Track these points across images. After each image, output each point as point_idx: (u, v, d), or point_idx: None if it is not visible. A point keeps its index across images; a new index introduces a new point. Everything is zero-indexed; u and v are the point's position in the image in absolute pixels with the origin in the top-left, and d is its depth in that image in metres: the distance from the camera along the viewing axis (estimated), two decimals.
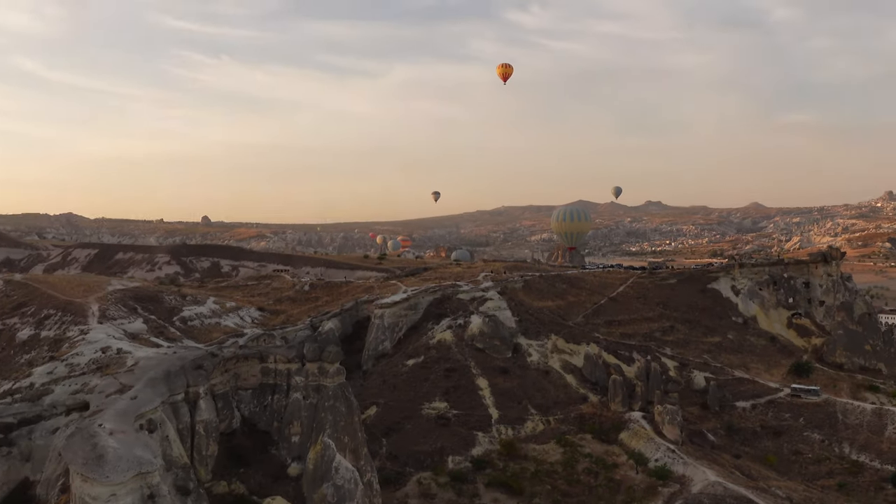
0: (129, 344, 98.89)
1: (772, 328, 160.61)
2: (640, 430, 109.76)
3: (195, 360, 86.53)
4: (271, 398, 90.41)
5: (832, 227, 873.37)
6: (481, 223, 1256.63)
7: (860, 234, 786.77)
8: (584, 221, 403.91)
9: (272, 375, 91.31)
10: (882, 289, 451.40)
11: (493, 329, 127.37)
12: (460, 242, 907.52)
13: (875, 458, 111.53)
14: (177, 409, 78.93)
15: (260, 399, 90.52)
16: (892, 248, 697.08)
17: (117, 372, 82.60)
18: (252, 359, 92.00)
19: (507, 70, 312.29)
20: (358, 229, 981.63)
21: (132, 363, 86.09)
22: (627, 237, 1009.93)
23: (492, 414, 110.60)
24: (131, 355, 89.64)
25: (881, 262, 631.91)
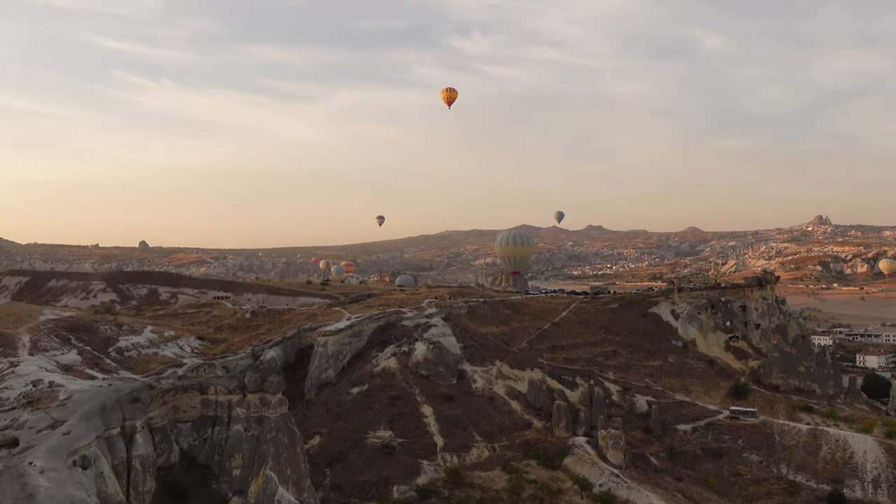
0: (62, 377, 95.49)
1: (710, 351, 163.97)
2: (585, 455, 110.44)
3: (132, 392, 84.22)
4: (211, 430, 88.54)
5: (766, 250, 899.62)
6: (425, 248, 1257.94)
7: (792, 257, 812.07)
8: (527, 246, 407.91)
9: (212, 407, 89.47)
10: (814, 310, 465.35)
11: (438, 356, 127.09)
12: (404, 267, 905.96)
13: (811, 477, 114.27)
14: (112, 444, 76.56)
15: (200, 432, 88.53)
16: (822, 271, 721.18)
17: (49, 406, 79.70)
18: (192, 390, 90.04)
19: (451, 94, 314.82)
20: (301, 254, 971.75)
21: (65, 397, 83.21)
22: (569, 261, 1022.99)
23: (437, 441, 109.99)
24: (64, 388, 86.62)
25: (813, 285, 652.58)
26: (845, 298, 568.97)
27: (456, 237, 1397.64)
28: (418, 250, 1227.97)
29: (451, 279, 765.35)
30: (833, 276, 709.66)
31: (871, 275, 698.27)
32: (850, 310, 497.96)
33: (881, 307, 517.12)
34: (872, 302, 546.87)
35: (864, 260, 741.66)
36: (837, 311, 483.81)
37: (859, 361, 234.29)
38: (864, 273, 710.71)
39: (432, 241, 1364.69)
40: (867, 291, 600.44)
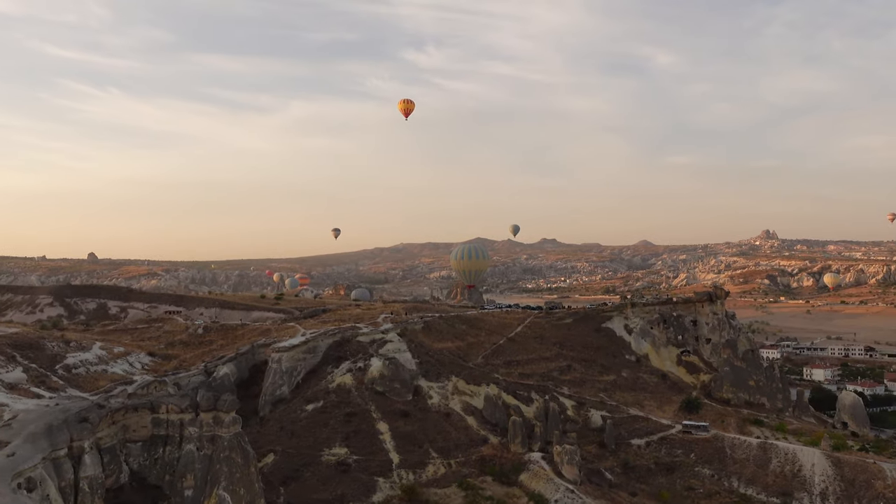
0: (6, 396, 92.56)
1: (663, 366, 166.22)
2: (540, 470, 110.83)
3: (80, 412, 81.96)
4: (163, 450, 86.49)
5: (715, 264, 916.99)
6: (380, 260, 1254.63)
7: (741, 271, 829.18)
8: (482, 259, 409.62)
9: (164, 426, 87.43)
10: (762, 323, 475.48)
11: (394, 372, 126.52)
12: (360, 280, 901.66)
13: (761, 491, 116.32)
14: (59, 465, 74.30)
15: (150, 452, 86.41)
16: (770, 285, 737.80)
17: None
18: (142, 409, 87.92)
19: (408, 106, 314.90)
20: (254, 267, 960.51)
21: (10, 417, 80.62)
22: (524, 274, 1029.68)
23: (393, 458, 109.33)
24: (9, 408, 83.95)
25: (761, 298, 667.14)
26: (792, 312, 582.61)
27: (411, 250, 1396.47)
28: (373, 263, 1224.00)
29: (407, 292, 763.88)
30: (780, 289, 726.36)
31: (816, 288, 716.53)
32: (797, 323, 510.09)
33: (826, 320, 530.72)
34: (818, 315, 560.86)
35: (810, 274, 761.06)
36: (784, 324, 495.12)
37: (806, 374, 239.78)
38: (810, 287, 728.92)
39: (387, 253, 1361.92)
40: (813, 305, 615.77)
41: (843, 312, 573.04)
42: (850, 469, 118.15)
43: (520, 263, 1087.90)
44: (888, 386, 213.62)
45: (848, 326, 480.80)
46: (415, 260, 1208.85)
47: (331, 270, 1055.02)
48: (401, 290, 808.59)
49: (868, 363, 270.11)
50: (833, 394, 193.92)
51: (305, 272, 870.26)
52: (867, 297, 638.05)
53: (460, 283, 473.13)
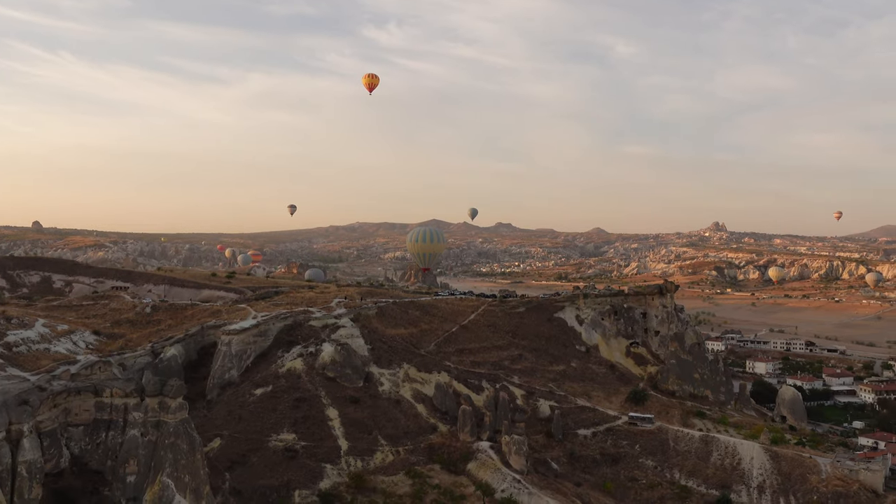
0: None
1: (612, 357, 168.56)
2: (488, 460, 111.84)
3: (20, 394, 79.91)
4: (105, 435, 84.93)
5: (666, 254, 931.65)
6: (335, 239, 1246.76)
7: (690, 261, 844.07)
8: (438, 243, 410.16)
9: (107, 410, 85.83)
10: (708, 315, 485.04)
11: (346, 357, 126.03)
12: (313, 258, 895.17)
13: (702, 483, 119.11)
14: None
15: (93, 436, 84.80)
16: (717, 276, 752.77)
17: None
18: (85, 392, 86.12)
19: (373, 80, 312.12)
20: (206, 241, 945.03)
21: None
22: (479, 258, 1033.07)
23: (341, 445, 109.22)
24: None
25: (708, 289, 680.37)
26: (737, 304, 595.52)
27: (366, 229, 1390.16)
28: (328, 241, 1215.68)
29: (361, 272, 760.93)
30: (727, 281, 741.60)
31: (761, 281, 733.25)
32: (742, 315, 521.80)
33: (770, 313, 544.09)
34: (762, 308, 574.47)
35: (756, 267, 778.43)
36: (730, 315, 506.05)
37: (749, 367, 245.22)
38: (756, 279, 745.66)
39: (342, 232, 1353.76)
40: (758, 297, 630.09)
41: (786, 306, 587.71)
42: (786, 463, 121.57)
43: (475, 247, 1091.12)
44: (826, 381, 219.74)
45: (790, 320, 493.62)
46: (370, 239, 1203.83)
47: (284, 247, 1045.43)
48: (355, 269, 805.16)
49: (808, 357, 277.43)
50: (774, 387, 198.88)
51: (258, 248, 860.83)
52: (810, 292, 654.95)
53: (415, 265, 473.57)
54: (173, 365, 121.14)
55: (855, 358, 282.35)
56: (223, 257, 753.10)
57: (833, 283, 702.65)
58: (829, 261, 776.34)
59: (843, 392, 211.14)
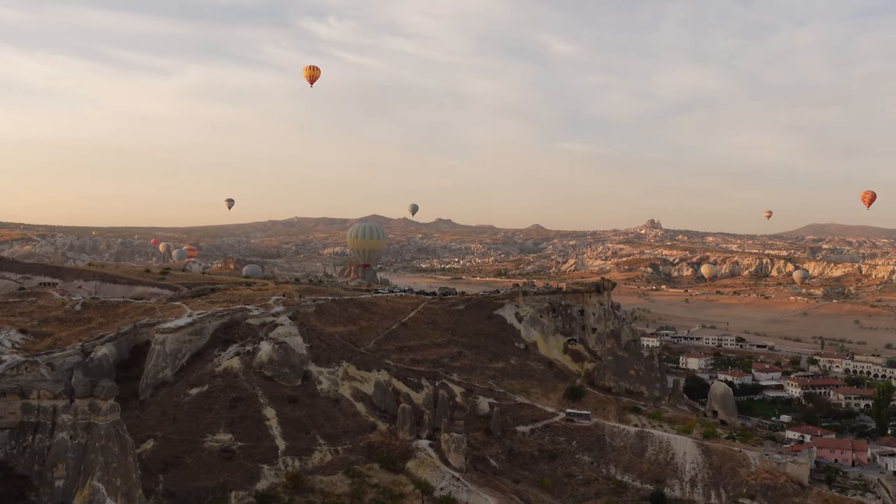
0: None
1: (550, 354, 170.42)
2: (427, 458, 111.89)
3: None
4: (32, 438, 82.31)
5: (603, 251, 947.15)
6: (273, 234, 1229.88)
7: (627, 258, 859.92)
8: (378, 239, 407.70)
9: (35, 413, 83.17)
10: (644, 311, 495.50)
11: (284, 356, 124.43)
12: (251, 253, 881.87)
13: (637, 478, 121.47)
14: None
15: (19, 440, 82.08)
16: (652, 273, 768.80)
17: None
18: (11, 394, 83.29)
19: (314, 72, 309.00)
20: (139, 235, 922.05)
21: None
22: (419, 253, 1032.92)
23: (279, 445, 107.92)
24: None
25: (644, 286, 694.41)
26: (671, 300, 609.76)
27: (305, 224, 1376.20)
28: (265, 236, 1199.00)
29: (299, 268, 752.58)
30: (662, 278, 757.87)
31: (694, 278, 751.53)
32: (676, 311, 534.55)
33: (702, 309, 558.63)
34: (695, 304, 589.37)
35: (690, 264, 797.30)
36: (664, 311, 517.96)
37: (682, 363, 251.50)
38: (689, 276, 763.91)
39: (280, 227, 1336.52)
40: (691, 294, 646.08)
41: (718, 302, 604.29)
42: (718, 457, 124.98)
43: (415, 243, 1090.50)
44: (755, 376, 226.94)
45: (722, 316, 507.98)
46: (309, 234, 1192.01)
47: (220, 242, 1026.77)
48: (293, 265, 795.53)
49: (738, 353, 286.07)
50: (706, 382, 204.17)
51: (193, 243, 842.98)
52: (740, 288, 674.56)
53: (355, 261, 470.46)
54: (104, 365, 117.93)
55: (783, 353, 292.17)
56: (157, 252, 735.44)
57: (762, 280, 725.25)
58: (759, 258, 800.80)
59: (772, 387, 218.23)
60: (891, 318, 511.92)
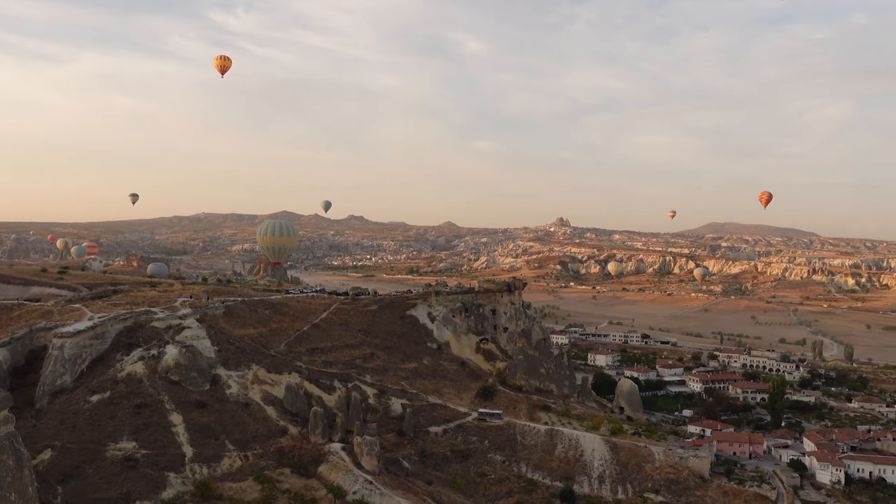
0: None
1: (462, 353, 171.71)
2: (340, 462, 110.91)
3: None
4: None
5: (514, 248, 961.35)
6: (179, 230, 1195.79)
7: (537, 256, 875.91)
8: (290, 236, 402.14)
9: None
10: (553, 308, 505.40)
11: (191, 360, 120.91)
12: (155, 250, 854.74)
13: (547, 475, 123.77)
14: None
15: None
16: (562, 271, 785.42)
17: None
18: None
19: (225, 63, 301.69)
20: (34, 231, 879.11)
21: None
22: (330, 250, 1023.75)
23: (186, 452, 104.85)
24: None
25: (553, 283, 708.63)
26: (580, 297, 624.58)
27: (213, 220, 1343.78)
28: (171, 232, 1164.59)
29: (207, 265, 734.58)
30: (570, 275, 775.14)
31: (602, 275, 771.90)
32: (584, 308, 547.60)
33: (609, 306, 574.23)
34: (602, 301, 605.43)
35: (597, 261, 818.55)
36: (573, 308, 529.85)
37: (590, 360, 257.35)
38: (597, 273, 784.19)
39: (187, 223, 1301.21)
40: (598, 291, 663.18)
41: (624, 299, 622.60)
42: (624, 453, 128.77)
43: (326, 239, 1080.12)
44: (659, 372, 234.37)
45: (628, 312, 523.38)
46: (217, 231, 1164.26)
47: (123, 238, 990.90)
48: (200, 262, 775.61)
49: (643, 349, 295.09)
50: (613, 379, 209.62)
51: (94, 239, 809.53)
52: (645, 285, 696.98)
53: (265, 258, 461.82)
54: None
55: (685, 349, 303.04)
56: (54, 249, 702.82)
57: (666, 277, 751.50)
58: (663, 256, 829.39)
59: (675, 382, 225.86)
60: (784, 313, 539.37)
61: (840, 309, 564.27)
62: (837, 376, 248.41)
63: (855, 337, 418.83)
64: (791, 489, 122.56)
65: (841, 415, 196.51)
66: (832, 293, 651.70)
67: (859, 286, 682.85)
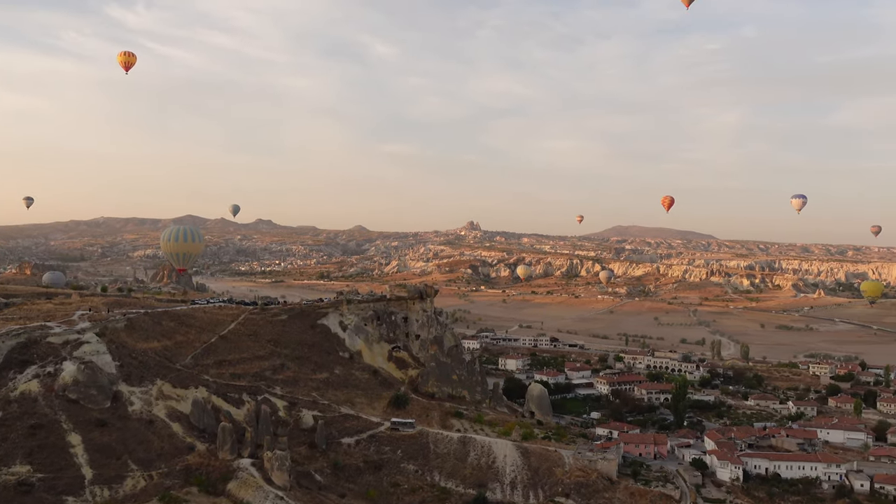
0: None
1: (374, 362, 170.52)
2: (249, 478, 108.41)
3: None
4: None
5: (425, 252, 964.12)
6: (76, 235, 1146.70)
7: (448, 260, 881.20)
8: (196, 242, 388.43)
9: None
10: (464, 312, 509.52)
11: (90, 376, 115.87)
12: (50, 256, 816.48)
13: (460, 483, 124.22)
14: None
15: None
16: (472, 274, 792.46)
17: None
18: None
19: (129, 59, 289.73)
20: None
21: None
22: (238, 256, 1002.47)
23: (85, 474, 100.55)
24: None
25: (464, 287, 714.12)
26: (490, 300, 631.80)
27: (112, 225, 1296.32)
28: (67, 237, 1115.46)
29: (106, 272, 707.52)
30: (481, 279, 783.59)
31: (511, 279, 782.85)
32: (495, 312, 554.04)
33: (519, 309, 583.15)
34: (512, 304, 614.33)
35: (507, 265, 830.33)
36: (484, 312, 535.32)
37: (501, 364, 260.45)
38: (507, 277, 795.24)
39: (85, 227, 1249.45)
40: (508, 294, 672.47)
41: (533, 302, 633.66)
42: (535, 458, 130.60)
43: (234, 244, 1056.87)
44: (568, 375, 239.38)
45: (537, 315, 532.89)
46: (117, 236, 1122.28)
47: (15, 244, 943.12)
48: (100, 269, 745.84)
49: (552, 353, 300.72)
50: (524, 383, 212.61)
51: None
52: (553, 288, 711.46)
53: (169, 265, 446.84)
54: None
55: (592, 352, 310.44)
56: None
57: (573, 279, 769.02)
58: (570, 259, 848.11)
59: (583, 385, 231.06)
60: (685, 314, 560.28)
61: (736, 309, 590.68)
62: (735, 375, 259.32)
63: (750, 336, 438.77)
64: (693, 488, 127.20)
65: (739, 413, 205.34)
66: (729, 294, 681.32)
67: (754, 287, 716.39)
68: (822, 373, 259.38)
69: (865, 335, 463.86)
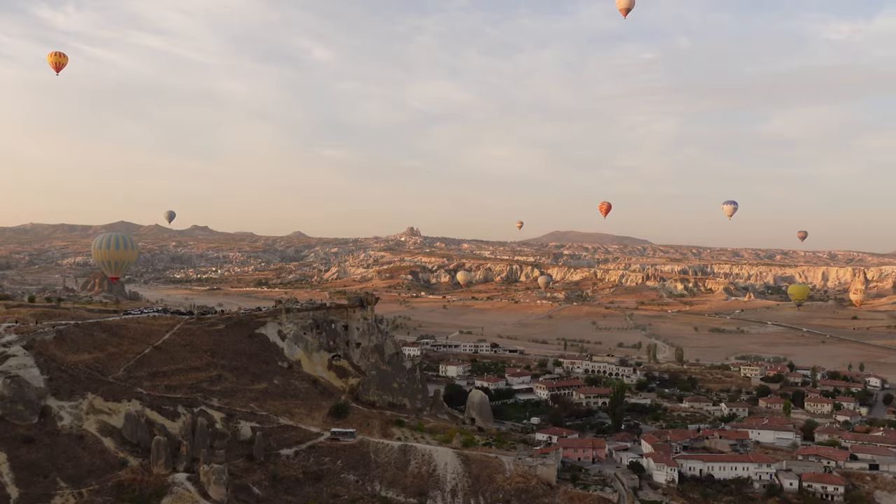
0: None
1: (314, 371, 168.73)
2: (185, 493, 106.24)
3: None
4: None
5: (365, 258, 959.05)
6: (2, 242, 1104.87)
7: (388, 266, 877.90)
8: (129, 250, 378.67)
9: None
10: (405, 318, 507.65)
11: (16, 391, 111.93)
12: None
13: (401, 492, 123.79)
14: None
15: None
16: (413, 280, 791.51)
17: None
18: None
19: (60, 59, 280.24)
20: None
21: None
22: (172, 263, 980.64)
23: (10, 493, 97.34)
24: None
25: (404, 293, 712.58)
26: (431, 306, 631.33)
27: (41, 231, 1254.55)
28: None
29: (34, 280, 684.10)
30: (421, 284, 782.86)
31: (451, 284, 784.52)
32: (435, 318, 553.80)
33: (460, 315, 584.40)
34: (453, 310, 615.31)
35: (447, 270, 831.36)
36: (424, 318, 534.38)
37: (442, 371, 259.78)
38: (447, 283, 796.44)
39: (11, 234, 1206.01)
40: (448, 300, 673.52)
41: (473, 307, 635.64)
42: (476, 465, 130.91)
43: (168, 251, 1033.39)
44: (508, 380, 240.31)
45: (477, 321, 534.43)
46: (45, 243, 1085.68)
47: None
48: (27, 277, 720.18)
49: (493, 359, 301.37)
50: (465, 390, 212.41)
51: None
52: (493, 294, 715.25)
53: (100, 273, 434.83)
54: None
55: (532, 357, 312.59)
56: None
57: (513, 285, 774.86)
58: (510, 265, 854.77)
59: (523, 390, 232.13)
60: (622, 318, 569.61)
61: (671, 312, 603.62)
62: (670, 378, 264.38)
63: (684, 339, 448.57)
64: (631, 490, 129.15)
65: (674, 415, 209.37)
66: (664, 298, 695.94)
67: (687, 290, 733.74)
68: (753, 374, 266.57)
69: (794, 337, 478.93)
